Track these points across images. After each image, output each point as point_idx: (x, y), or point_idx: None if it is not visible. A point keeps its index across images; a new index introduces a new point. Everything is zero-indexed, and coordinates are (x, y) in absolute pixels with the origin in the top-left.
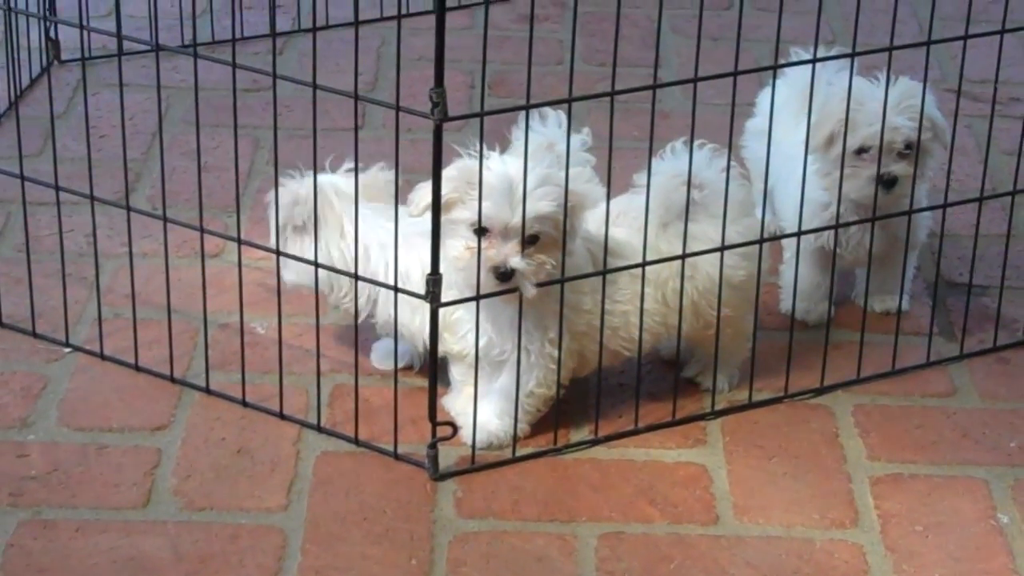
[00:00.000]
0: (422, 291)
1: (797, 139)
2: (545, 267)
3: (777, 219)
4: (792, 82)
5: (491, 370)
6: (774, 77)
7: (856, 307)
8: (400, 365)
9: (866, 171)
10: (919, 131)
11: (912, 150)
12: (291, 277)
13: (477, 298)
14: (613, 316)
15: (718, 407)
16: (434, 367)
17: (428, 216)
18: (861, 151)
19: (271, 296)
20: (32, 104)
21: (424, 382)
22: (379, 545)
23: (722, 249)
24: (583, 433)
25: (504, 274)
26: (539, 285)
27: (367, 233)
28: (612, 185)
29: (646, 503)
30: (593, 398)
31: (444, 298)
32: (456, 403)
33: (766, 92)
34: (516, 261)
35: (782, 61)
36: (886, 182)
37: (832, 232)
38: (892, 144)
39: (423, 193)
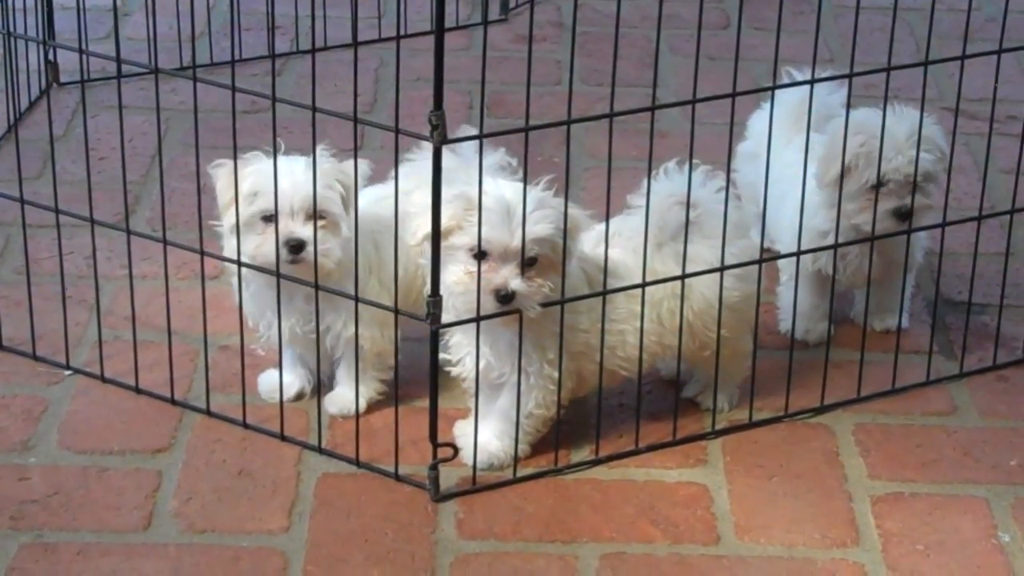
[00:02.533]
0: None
1: (787, 160)
2: (544, 289)
3: (771, 242)
4: (783, 103)
5: (490, 392)
6: (772, 98)
7: (855, 326)
8: (292, 394)
9: (883, 205)
10: (916, 160)
11: (928, 181)
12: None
13: (477, 319)
14: (609, 335)
15: (718, 427)
16: (434, 388)
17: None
18: (881, 185)
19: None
20: (31, 127)
21: (425, 403)
22: (380, 566)
23: (721, 270)
24: (584, 453)
25: (505, 296)
26: (541, 306)
27: None
28: (611, 205)
29: (647, 523)
30: (594, 418)
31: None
32: (456, 425)
33: (757, 115)
34: (516, 283)
35: (779, 82)
36: (904, 214)
37: (831, 256)
38: (909, 177)
39: (421, 222)
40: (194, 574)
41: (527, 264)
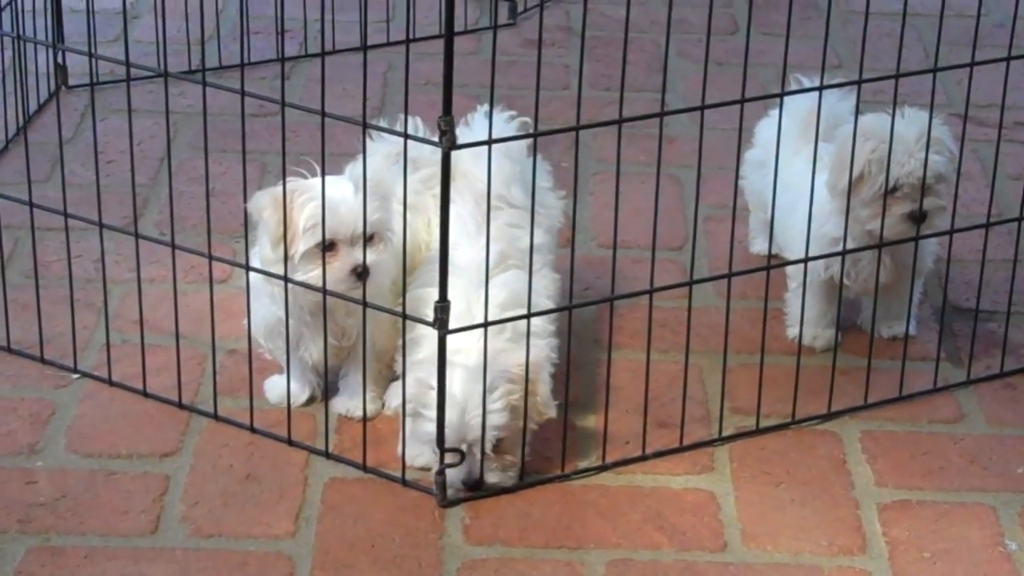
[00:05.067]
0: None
1: (795, 169)
2: (513, 466)
3: (780, 250)
4: (791, 111)
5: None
6: (781, 104)
7: (863, 333)
8: (302, 403)
9: (897, 209)
10: (925, 161)
11: (940, 183)
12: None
13: (485, 325)
14: None
15: (726, 433)
16: (441, 394)
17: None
18: (894, 190)
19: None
20: (40, 130)
21: None
22: (387, 572)
23: (729, 276)
24: (590, 460)
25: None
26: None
27: None
28: (618, 210)
29: (654, 530)
30: (600, 424)
31: None
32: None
33: (764, 123)
34: (489, 475)
35: (791, 86)
36: (917, 218)
37: (841, 264)
38: (921, 180)
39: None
40: None
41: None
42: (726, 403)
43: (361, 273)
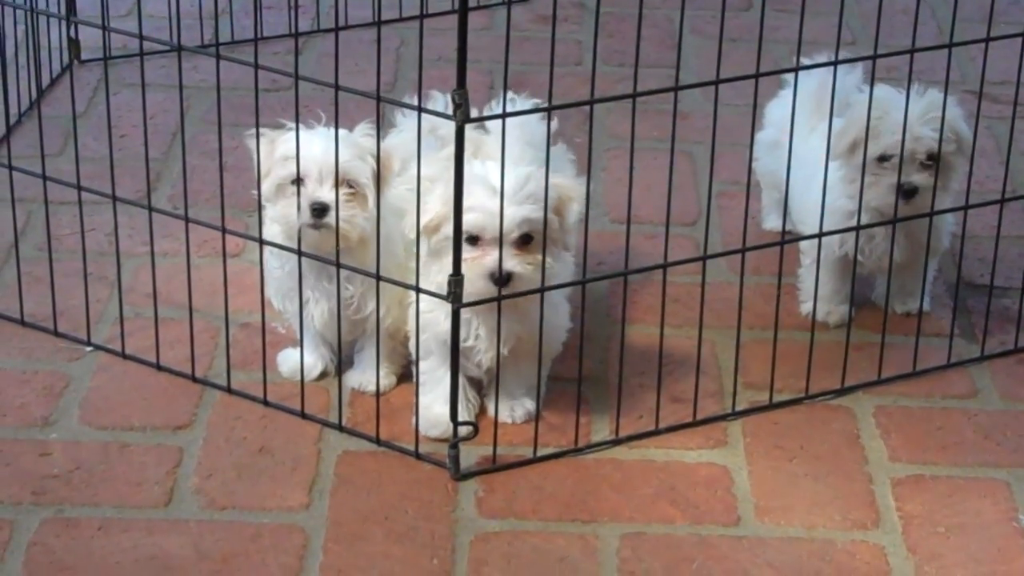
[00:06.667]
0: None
1: (811, 145)
2: (538, 267)
3: (796, 227)
4: (802, 90)
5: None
6: (796, 79)
7: (877, 308)
8: (315, 376)
9: (887, 179)
10: (939, 142)
11: (934, 161)
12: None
13: (499, 299)
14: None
15: (739, 408)
16: (455, 367)
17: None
18: (883, 159)
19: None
20: (53, 104)
21: None
22: (401, 544)
23: (743, 251)
24: (604, 434)
25: (501, 279)
26: (522, 294)
27: None
28: (632, 184)
29: (667, 504)
30: (614, 399)
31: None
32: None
33: (775, 103)
34: (511, 264)
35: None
36: (906, 192)
37: (855, 240)
38: (914, 154)
39: (418, 214)
40: (215, 550)
41: (523, 242)
42: (739, 378)
43: (319, 210)
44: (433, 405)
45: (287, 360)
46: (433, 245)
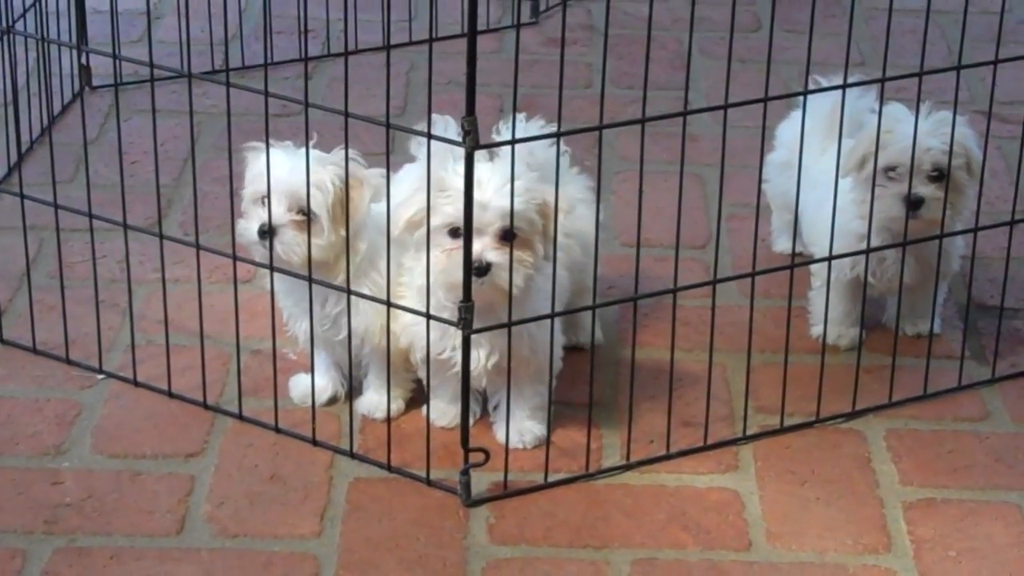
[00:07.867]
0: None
1: (823, 166)
2: (525, 263)
3: (807, 248)
4: (815, 110)
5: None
6: (804, 102)
7: (887, 331)
8: (325, 399)
9: (893, 190)
10: (950, 156)
11: (942, 175)
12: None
13: (509, 325)
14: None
15: (750, 432)
16: (466, 393)
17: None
18: (889, 169)
19: None
20: (64, 131)
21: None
22: (412, 572)
23: (752, 275)
24: (615, 459)
25: (480, 269)
26: (532, 319)
27: None
28: (642, 207)
29: (678, 529)
30: (624, 423)
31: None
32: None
33: (785, 124)
34: (491, 255)
35: (809, 86)
36: (913, 203)
37: (865, 263)
38: (920, 165)
39: (401, 211)
40: None
41: (506, 238)
42: (750, 402)
43: (265, 232)
44: (438, 402)
45: (298, 385)
46: (416, 239)
